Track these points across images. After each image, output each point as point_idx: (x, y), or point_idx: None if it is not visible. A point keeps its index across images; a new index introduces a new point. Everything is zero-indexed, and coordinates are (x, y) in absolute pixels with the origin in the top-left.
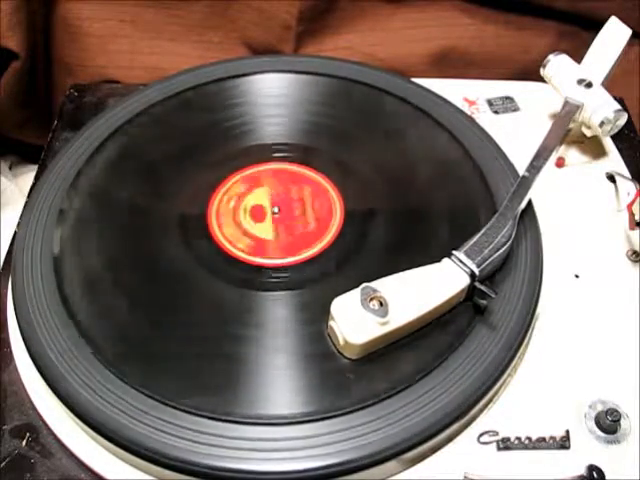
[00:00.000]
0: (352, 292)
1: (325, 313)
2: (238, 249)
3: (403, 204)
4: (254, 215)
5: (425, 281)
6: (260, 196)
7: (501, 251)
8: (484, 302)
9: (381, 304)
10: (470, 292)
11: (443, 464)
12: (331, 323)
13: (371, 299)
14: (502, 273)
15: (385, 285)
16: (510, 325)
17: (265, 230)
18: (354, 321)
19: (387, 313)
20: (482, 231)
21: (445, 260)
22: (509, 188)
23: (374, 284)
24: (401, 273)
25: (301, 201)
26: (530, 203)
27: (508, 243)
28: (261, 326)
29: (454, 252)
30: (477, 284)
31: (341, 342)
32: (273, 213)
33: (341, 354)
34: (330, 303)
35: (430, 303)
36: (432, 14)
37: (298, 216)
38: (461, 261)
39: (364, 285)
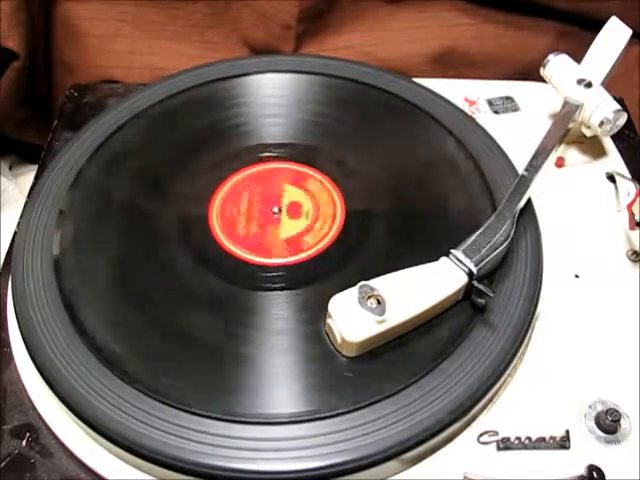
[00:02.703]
0: (350, 290)
1: (325, 313)
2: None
3: (403, 203)
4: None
5: (423, 279)
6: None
7: (499, 250)
8: (482, 301)
9: (379, 302)
10: (468, 291)
11: (443, 464)
12: (329, 321)
13: (369, 297)
14: (502, 273)
15: (383, 283)
16: (510, 325)
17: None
18: (351, 319)
19: (384, 311)
20: (480, 230)
21: (443, 259)
22: (509, 188)
23: (372, 282)
24: (399, 271)
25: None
26: (530, 203)
27: (506, 242)
28: (261, 326)
29: (452, 251)
30: (475, 283)
31: (338, 340)
32: (274, 212)
33: (338, 352)
34: None
35: (427, 302)
36: (432, 14)
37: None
38: (459, 260)
39: (362, 283)
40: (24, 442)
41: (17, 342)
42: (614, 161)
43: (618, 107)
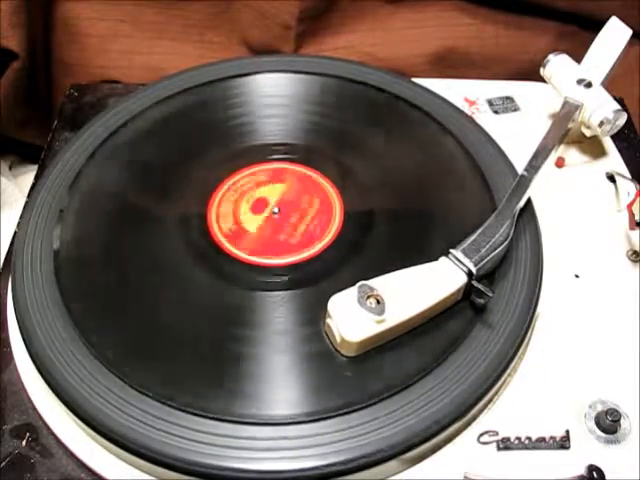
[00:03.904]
0: (349, 290)
1: (324, 313)
2: (239, 249)
3: (403, 204)
4: (255, 208)
5: (422, 279)
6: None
7: (499, 250)
8: (482, 301)
9: (378, 302)
10: (468, 291)
11: (443, 464)
12: (328, 321)
13: (368, 297)
14: (502, 273)
15: (382, 283)
16: (510, 325)
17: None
18: (351, 319)
19: (384, 311)
20: (480, 230)
21: (442, 258)
22: (509, 188)
23: (371, 282)
24: (398, 271)
25: (301, 201)
26: (530, 203)
27: (506, 242)
28: (261, 326)
29: (451, 250)
30: (474, 283)
31: (338, 340)
32: (273, 213)
33: (338, 352)
34: None
35: (427, 301)
36: (432, 14)
37: (296, 215)
38: (458, 259)
39: (361, 283)
40: (24, 442)
41: (17, 342)
42: (614, 161)
43: (618, 107)
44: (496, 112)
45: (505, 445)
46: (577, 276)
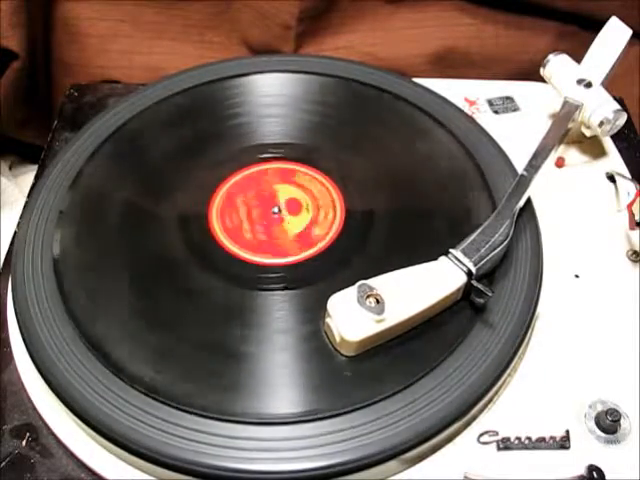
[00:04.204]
0: (349, 289)
1: (324, 312)
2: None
3: (403, 203)
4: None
5: (422, 279)
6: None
7: (498, 249)
8: (481, 301)
9: (377, 301)
10: (467, 290)
11: (443, 464)
12: (327, 320)
13: (367, 296)
14: (502, 273)
15: (382, 282)
16: (510, 325)
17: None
18: (350, 318)
19: (383, 310)
20: (479, 229)
21: (442, 258)
22: (508, 188)
23: (371, 281)
24: (398, 271)
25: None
26: (530, 203)
27: (505, 242)
28: (261, 326)
29: (451, 250)
30: (474, 282)
31: (337, 339)
32: (273, 212)
33: (337, 351)
34: None
35: (426, 301)
36: (432, 14)
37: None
38: (458, 259)
39: (361, 282)
40: (24, 442)
41: (17, 342)
42: (614, 161)
43: (618, 107)
44: (496, 112)
45: (505, 445)
46: (577, 276)
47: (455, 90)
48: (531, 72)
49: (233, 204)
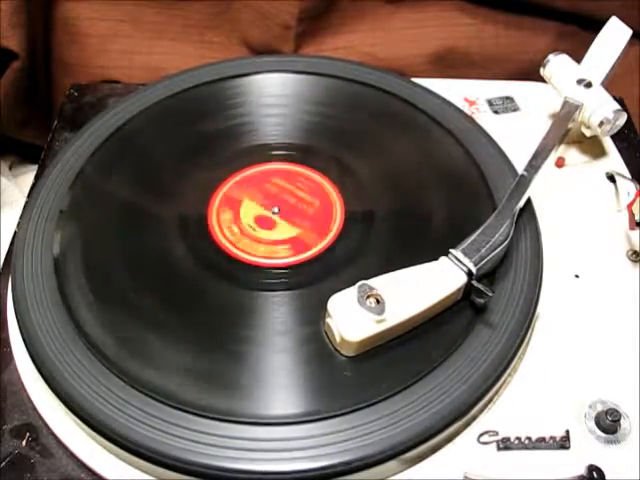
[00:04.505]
0: (349, 289)
1: (324, 312)
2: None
3: (403, 204)
4: (262, 224)
5: (422, 279)
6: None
7: (498, 249)
8: (481, 301)
9: (378, 302)
10: (467, 291)
11: (443, 464)
12: (328, 320)
13: (368, 296)
14: (502, 273)
15: (382, 283)
16: (510, 325)
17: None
18: (350, 318)
19: (383, 311)
20: (480, 230)
21: (442, 258)
22: (508, 188)
23: (371, 282)
24: (398, 271)
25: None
26: (530, 203)
27: (506, 242)
28: (261, 326)
29: (451, 250)
30: (474, 282)
31: (337, 339)
32: (273, 213)
33: (338, 351)
34: None
35: (427, 301)
36: (432, 14)
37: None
38: (458, 259)
39: (361, 282)
40: (24, 442)
41: (17, 342)
42: (614, 161)
43: (618, 107)
44: (496, 112)
45: (505, 445)
46: (577, 276)
47: (455, 90)
48: (531, 72)
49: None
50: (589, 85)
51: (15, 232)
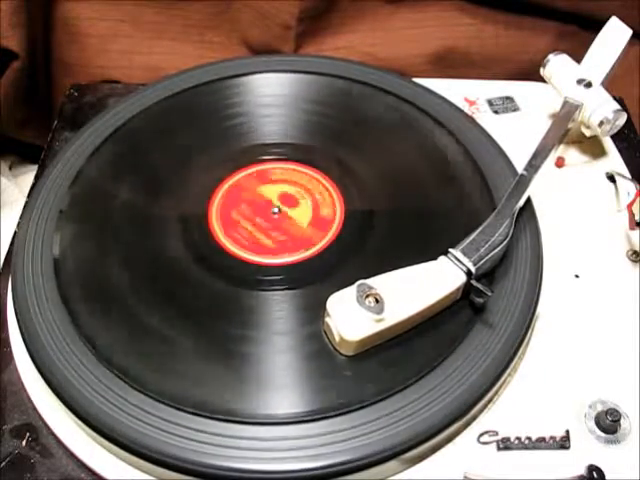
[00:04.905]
0: (348, 289)
1: (323, 312)
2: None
3: (403, 203)
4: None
5: (421, 278)
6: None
7: (498, 249)
8: (481, 300)
9: (377, 301)
10: (467, 290)
11: (443, 464)
12: (327, 319)
13: (367, 296)
14: (502, 273)
15: (381, 282)
16: (510, 325)
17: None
18: (350, 318)
19: (383, 310)
20: (479, 229)
21: (442, 258)
22: (508, 188)
23: (370, 281)
24: (397, 270)
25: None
26: (530, 202)
27: (505, 241)
28: (261, 326)
29: (450, 250)
30: (474, 282)
31: (337, 338)
32: (273, 212)
33: (337, 351)
34: None
35: (426, 301)
36: (432, 14)
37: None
38: (457, 259)
39: (360, 282)
40: (24, 442)
41: (17, 342)
42: (614, 161)
43: (618, 107)
44: (496, 112)
45: (505, 445)
46: (577, 276)
47: (455, 90)
48: (531, 72)
49: (233, 204)
50: (589, 85)
51: (15, 232)
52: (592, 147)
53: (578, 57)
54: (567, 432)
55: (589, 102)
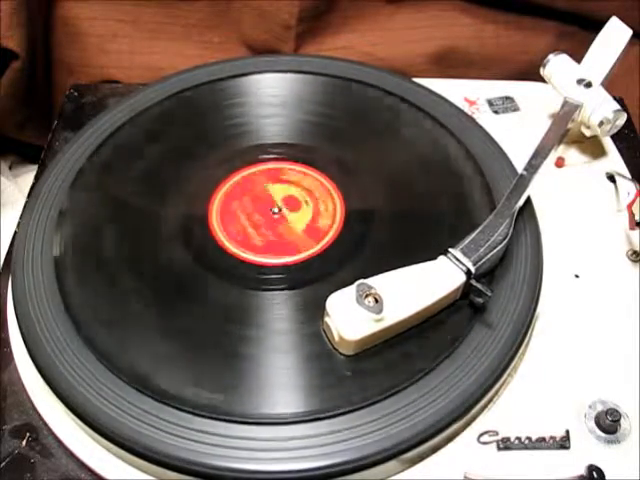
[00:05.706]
0: (347, 288)
1: (323, 311)
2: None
3: (403, 203)
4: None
5: (421, 278)
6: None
7: (498, 249)
8: (480, 300)
9: (376, 301)
10: (466, 290)
11: (443, 464)
12: (326, 319)
13: (366, 295)
14: (502, 273)
15: (381, 282)
16: (510, 325)
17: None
18: (349, 317)
19: (382, 310)
20: (479, 229)
21: (441, 257)
22: (508, 187)
23: (369, 281)
24: (397, 270)
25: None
26: (530, 202)
27: (505, 241)
28: (261, 326)
29: (450, 250)
30: (473, 282)
31: (336, 338)
32: (273, 212)
33: (336, 350)
34: None
35: (425, 300)
36: (432, 14)
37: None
38: (457, 259)
39: (360, 281)
40: (24, 442)
41: (17, 342)
42: (614, 161)
43: (618, 107)
44: (496, 112)
45: (505, 445)
46: (577, 276)
47: (455, 90)
48: (531, 72)
49: (233, 204)
50: (589, 85)
51: (15, 232)
52: (592, 147)
53: (578, 57)
54: (567, 432)
55: (589, 102)
